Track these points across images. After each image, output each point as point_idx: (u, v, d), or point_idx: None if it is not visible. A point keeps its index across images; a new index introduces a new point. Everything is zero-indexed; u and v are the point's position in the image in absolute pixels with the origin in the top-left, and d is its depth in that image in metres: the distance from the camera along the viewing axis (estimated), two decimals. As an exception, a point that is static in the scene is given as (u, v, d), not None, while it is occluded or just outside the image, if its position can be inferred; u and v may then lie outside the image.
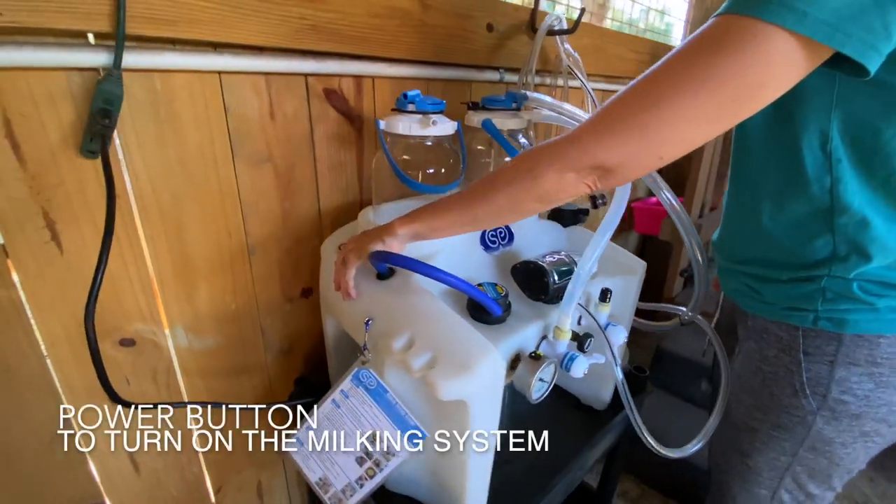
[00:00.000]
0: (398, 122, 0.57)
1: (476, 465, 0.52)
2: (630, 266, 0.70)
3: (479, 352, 0.46)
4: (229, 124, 0.61)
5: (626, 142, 0.38)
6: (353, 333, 0.60)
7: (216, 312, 0.67)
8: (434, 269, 0.48)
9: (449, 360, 0.46)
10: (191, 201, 0.60)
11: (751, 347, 0.59)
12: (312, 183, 0.73)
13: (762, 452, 0.60)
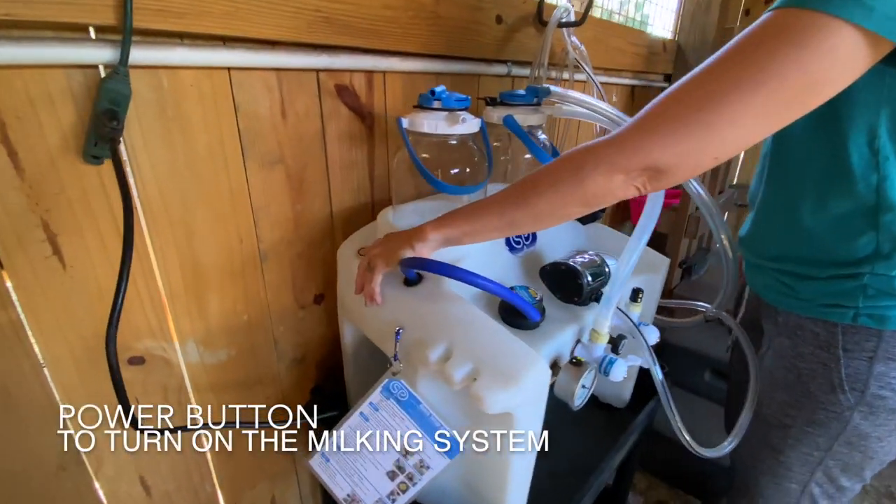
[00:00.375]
0: (423, 120, 0.54)
1: (517, 475, 0.51)
2: (654, 263, 0.69)
3: (525, 361, 0.44)
4: (239, 123, 0.57)
5: (683, 141, 0.36)
6: (380, 342, 0.58)
7: (228, 324, 0.64)
8: (475, 276, 0.46)
9: (493, 370, 0.44)
10: (201, 207, 0.56)
11: (783, 344, 0.58)
12: (324, 184, 0.69)
13: (795, 448, 0.59)
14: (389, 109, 0.74)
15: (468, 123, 0.53)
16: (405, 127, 0.55)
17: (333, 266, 0.74)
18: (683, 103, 0.37)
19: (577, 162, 0.41)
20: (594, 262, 0.58)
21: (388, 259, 0.51)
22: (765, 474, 0.64)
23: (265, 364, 0.71)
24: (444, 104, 0.54)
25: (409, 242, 0.50)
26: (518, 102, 0.65)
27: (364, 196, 0.76)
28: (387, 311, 0.55)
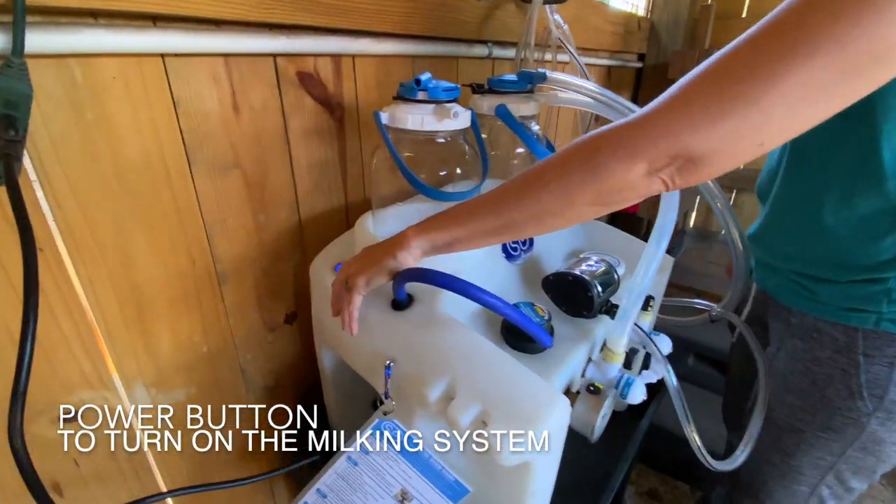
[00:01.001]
0: (406, 115, 0.45)
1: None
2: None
3: (543, 400, 0.38)
4: (181, 123, 0.47)
5: (721, 121, 0.29)
6: (366, 375, 0.50)
7: (184, 359, 0.54)
8: (487, 294, 0.39)
9: (506, 413, 0.38)
10: (139, 228, 0.46)
11: (797, 346, 0.55)
12: (290, 189, 0.60)
13: (807, 453, 0.57)
14: (362, 100, 0.65)
15: (461, 118, 0.45)
16: (384, 123, 0.47)
17: (305, 280, 0.65)
18: (723, 74, 0.29)
19: (590, 147, 0.34)
20: (602, 269, 0.52)
21: (368, 275, 0.43)
22: (774, 477, 0.61)
23: (233, 397, 0.62)
24: (430, 95, 0.46)
25: (391, 252, 0.42)
26: (509, 90, 0.57)
27: (337, 199, 0.67)
28: (373, 339, 0.47)
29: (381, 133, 0.47)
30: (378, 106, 0.68)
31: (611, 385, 0.49)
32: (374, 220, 0.56)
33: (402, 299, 0.47)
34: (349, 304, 0.44)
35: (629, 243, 0.67)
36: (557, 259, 0.64)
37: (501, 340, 0.49)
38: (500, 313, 0.39)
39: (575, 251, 0.67)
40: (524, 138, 0.55)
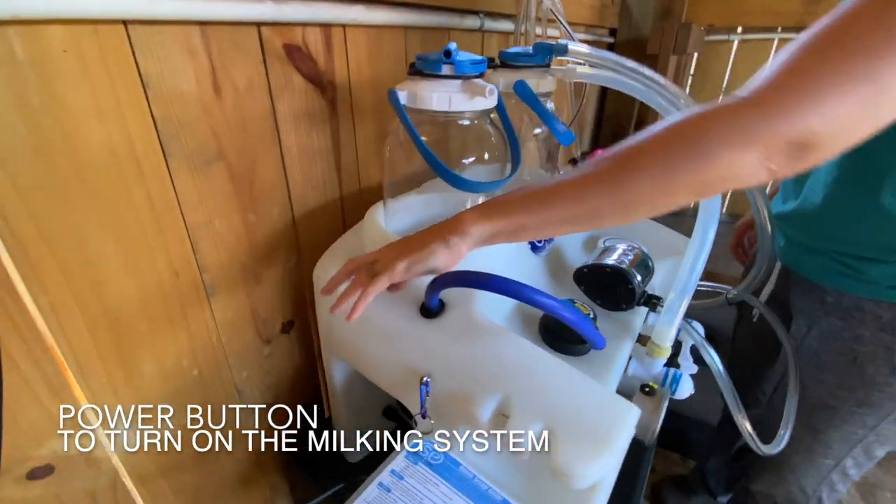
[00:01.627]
0: (430, 94, 0.39)
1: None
2: (676, 246, 0.62)
3: (614, 414, 0.34)
4: (153, 108, 0.38)
5: (848, 100, 0.26)
6: (394, 390, 0.45)
7: (172, 386, 0.47)
8: (546, 297, 0.34)
9: (577, 431, 0.34)
10: (108, 237, 0.38)
11: (834, 325, 0.54)
12: (281, 183, 0.52)
13: (839, 428, 0.57)
14: (354, 78, 0.57)
15: (492, 97, 0.39)
16: (403, 103, 0.40)
17: (302, 284, 0.58)
18: (849, 50, 0.26)
19: (695, 130, 0.29)
20: (638, 257, 0.49)
21: (411, 259, 0.37)
22: (799, 452, 0.62)
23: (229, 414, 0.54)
24: (457, 69, 0.39)
25: (442, 237, 0.36)
26: (526, 64, 0.51)
27: (331, 192, 0.60)
28: (403, 352, 0.42)
29: (400, 116, 0.40)
30: (371, 85, 0.61)
31: (657, 381, 0.46)
32: (387, 213, 0.50)
33: (434, 307, 0.41)
34: (367, 292, 0.38)
35: (645, 226, 0.64)
36: (576, 248, 0.60)
37: (540, 341, 0.45)
38: (560, 316, 0.35)
39: (592, 238, 0.63)
40: (546, 119, 0.50)
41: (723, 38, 1.62)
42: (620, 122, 1.87)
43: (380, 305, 0.44)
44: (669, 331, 0.44)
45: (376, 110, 0.63)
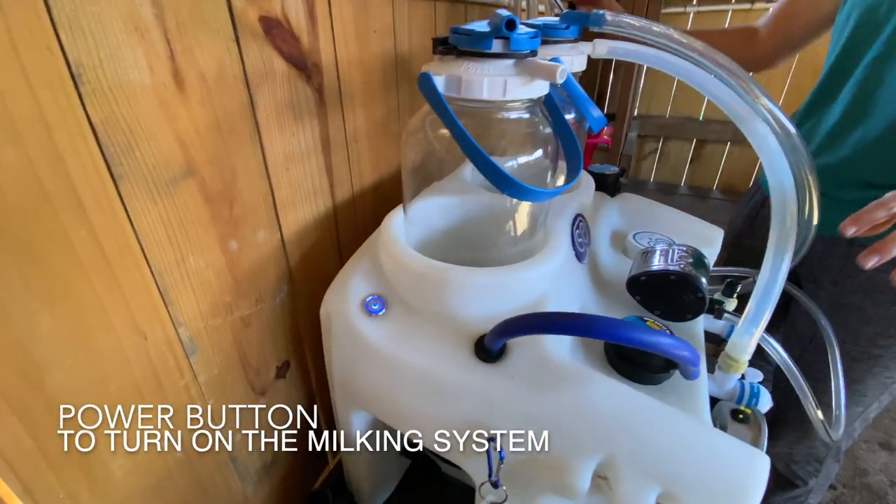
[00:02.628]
0: (481, 78, 0.30)
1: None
2: (709, 236, 0.58)
3: (742, 464, 0.29)
4: (89, 110, 0.26)
5: None
6: (448, 452, 0.37)
7: (151, 478, 0.36)
8: (648, 334, 0.27)
9: (705, 494, 0.28)
10: (39, 305, 0.26)
11: (877, 279, 0.55)
12: (266, 196, 0.41)
13: (877, 375, 0.59)
14: (342, 59, 0.46)
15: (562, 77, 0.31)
16: (442, 91, 0.31)
17: (297, 318, 0.48)
18: None
19: None
20: (698, 258, 0.43)
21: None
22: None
23: (223, 497, 0.44)
24: (513, 46, 0.30)
25: None
26: (558, 38, 0.43)
27: (323, 202, 0.49)
28: (456, 405, 0.34)
29: (439, 108, 0.30)
30: (361, 67, 0.50)
31: (731, 398, 0.41)
32: (408, 221, 0.40)
33: (495, 352, 0.33)
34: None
35: (674, 216, 0.59)
36: (605, 247, 0.54)
37: (608, 369, 0.38)
38: (675, 356, 0.28)
39: (616, 233, 0.57)
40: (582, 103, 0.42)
41: (679, 11, 1.61)
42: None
43: (421, 348, 0.35)
44: (749, 343, 0.39)
45: (366, 99, 0.52)
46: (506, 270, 0.36)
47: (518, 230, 0.42)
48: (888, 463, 1.16)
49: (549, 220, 0.43)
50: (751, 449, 0.29)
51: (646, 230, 0.56)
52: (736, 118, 0.39)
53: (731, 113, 0.40)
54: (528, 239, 0.42)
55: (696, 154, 1.80)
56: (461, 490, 0.53)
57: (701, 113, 1.73)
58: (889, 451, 1.19)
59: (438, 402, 0.35)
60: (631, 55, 0.44)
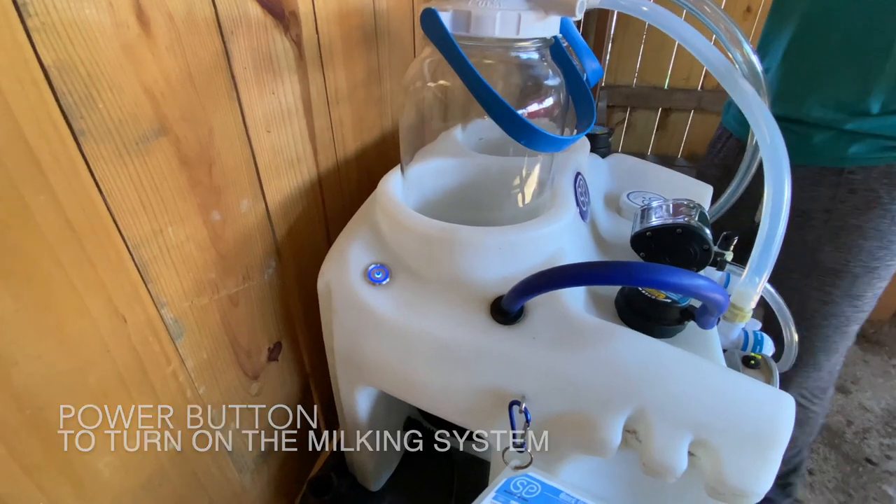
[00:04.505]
0: (494, 12, 0.27)
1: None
2: (699, 193, 0.58)
3: (770, 406, 0.28)
4: (39, 52, 0.22)
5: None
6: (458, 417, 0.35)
7: (142, 475, 0.32)
8: (706, 281, 0.26)
9: (734, 438, 0.27)
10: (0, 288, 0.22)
11: (868, 197, 0.59)
12: (248, 160, 0.37)
13: (874, 286, 0.64)
14: (319, 10, 0.42)
15: (581, 11, 0.29)
16: (450, 29, 0.28)
17: (287, 296, 0.45)
18: None
19: None
20: (699, 211, 0.43)
21: None
22: (837, 330, 0.66)
23: (220, 490, 0.41)
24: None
25: None
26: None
27: (307, 170, 0.45)
28: (475, 371, 0.32)
29: (447, 48, 0.28)
30: (339, 17, 0.46)
31: (737, 346, 0.42)
32: (406, 183, 0.38)
33: (514, 313, 0.31)
34: None
35: (664, 174, 0.59)
36: (600, 207, 0.53)
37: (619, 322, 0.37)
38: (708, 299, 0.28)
39: (609, 194, 0.56)
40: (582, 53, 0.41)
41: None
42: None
43: (433, 314, 0.33)
44: (754, 292, 0.39)
45: (346, 57, 0.48)
46: (518, 228, 0.34)
47: (526, 189, 0.40)
48: (844, 405, 1.25)
49: (555, 177, 0.41)
50: (776, 391, 0.29)
51: (639, 189, 0.56)
52: (715, 72, 0.38)
53: (716, 72, 0.39)
54: (538, 197, 0.40)
55: (662, 123, 1.83)
56: (463, 464, 0.52)
57: (666, 82, 1.75)
58: (845, 394, 1.28)
59: (456, 370, 0.33)
60: (621, 6, 0.43)
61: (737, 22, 0.45)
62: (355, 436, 0.46)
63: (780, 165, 0.37)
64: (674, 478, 0.28)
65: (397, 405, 0.48)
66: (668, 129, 1.84)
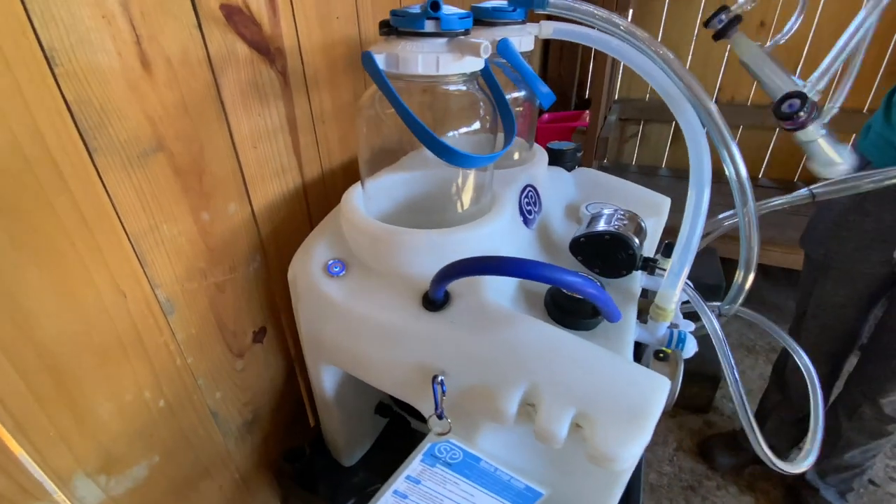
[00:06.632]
0: (416, 55, 0.34)
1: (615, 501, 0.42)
2: (657, 204, 0.62)
3: (647, 387, 0.33)
4: (64, 90, 0.30)
5: None
6: (400, 392, 0.41)
7: (136, 424, 0.40)
8: (566, 274, 0.31)
9: (611, 413, 0.32)
10: (27, 260, 0.30)
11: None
12: (235, 171, 0.45)
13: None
14: (305, 44, 0.50)
15: (486, 54, 0.35)
16: (382, 68, 0.35)
17: (271, 287, 0.52)
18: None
19: None
20: (634, 221, 0.47)
21: None
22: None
23: (207, 449, 0.48)
24: (444, 26, 0.34)
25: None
26: (506, 20, 0.47)
27: (292, 179, 0.53)
28: (410, 350, 0.38)
29: (380, 83, 0.34)
30: (323, 53, 0.53)
31: (662, 344, 0.45)
32: (366, 195, 0.44)
33: (439, 299, 0.37)
34: None
35: (623, 186, 0.63)
36: (558, 216, 0.58)
37: (547, 318, 0.42)
38: (586, 293, 0.32)
39: (571, 205, 0.61)
40: (531, 80, 0.46)
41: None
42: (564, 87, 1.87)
43: (376, 302, 0.40)
44: (674, 292, 0.43)
45: (331, 80, 0.56)
46: (450, 231, 0.40)
47: (464, 197, 0.46)
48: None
49: (496, 188, 0.47)
50: (651, 373, 0.33)
51: (599, 201, 0.60)
52: (665, 96, 0.43)
53: (662, 91, 0.43)
54: (475, 204, 0.46)
55: (676, 136, 1.84)
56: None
57: (680, 95, 1.76)
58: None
59: (392, 349, 0.39)
60: (574, 36, 0.48)
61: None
62: (325, 411, 0.52)
63: (702, 176, 0.41)
64: (558, 444, 0.32)
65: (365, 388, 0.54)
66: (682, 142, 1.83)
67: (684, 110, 0.42)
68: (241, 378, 0.51)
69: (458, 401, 0.36)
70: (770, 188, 1.74)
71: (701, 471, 1.12)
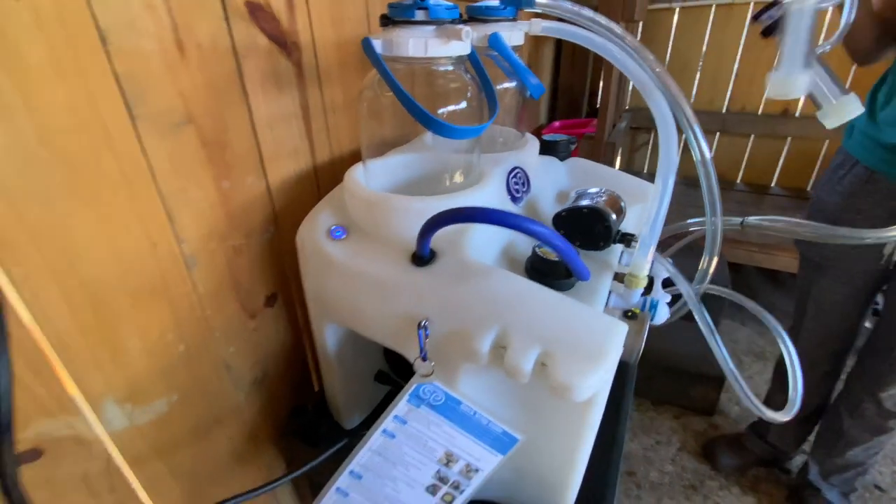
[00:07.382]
0: (406, 40, 0.39)
1: (584, 451, 0.45)
2: (643, 190, 0.65)
3: (605, 330, 0.37)
4: (115, 65, 0.36)
5: None
6: (392, 342, 0.46)
7: (159, 363, 0.45)
8: (537, 225, 0.35)
9: (571, 350, 0.36)
10: (79, 205, 0.36)
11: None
12: (253, 149, 0.51)
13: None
14: (318, 39, 0.56)
15: (468, 39, 0.40)
16: (379, 52, 0.40)
17: (282, 257, 0.57)
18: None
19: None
20: (612, 198, 0.51)
21: None
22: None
23: (220, 398, 0.53)
24: (431, 14, 0.40)
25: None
26: (497, 17, 0.52)
27: (304, 160, 0.59)
28: (400, 302, 0.42)
29: (377, 65, 0.40)
30: (335, 48, 0.60)
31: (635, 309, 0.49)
32: (367, 173, 0.50)
33: (426, 255, 0.42)
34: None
35: (611, 175, 0.67)
36: (549, 200, 0.62)
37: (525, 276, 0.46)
38: (551, 243, 0.37)
39: (562, 192, 0.65)
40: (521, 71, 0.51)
41: (665, 6, 1.68)
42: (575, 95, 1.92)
43: (371, 260, 0.44)
44: (644, 261, 0.47)
45: (342, 75, 0.62)
46: (438, 198, 0.45)
47: (454, 175, 0.51)
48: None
49: (484, 167, 0.52)
50: (611, 318, 0.37)
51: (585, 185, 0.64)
52: (640, 87, 0.47)
53: (637, 82, 0.48)
54: (464, 178, 0.50)
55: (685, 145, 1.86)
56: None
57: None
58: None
59: (385, 301, 0.43)
60: (561, 33, 0.53)
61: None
62: (328, 371, 0.57)
63: (671, 160, 0.45)
64: (524, 378, 0.36)
65: (365, 350, 0.59)
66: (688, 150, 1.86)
67: (656, 99, 0.46)
68: (253, 336, 0.56)
69: (440, 346, 0.40)
70: (782, 196, 1.74)
71: (703, 471, 1.12)
